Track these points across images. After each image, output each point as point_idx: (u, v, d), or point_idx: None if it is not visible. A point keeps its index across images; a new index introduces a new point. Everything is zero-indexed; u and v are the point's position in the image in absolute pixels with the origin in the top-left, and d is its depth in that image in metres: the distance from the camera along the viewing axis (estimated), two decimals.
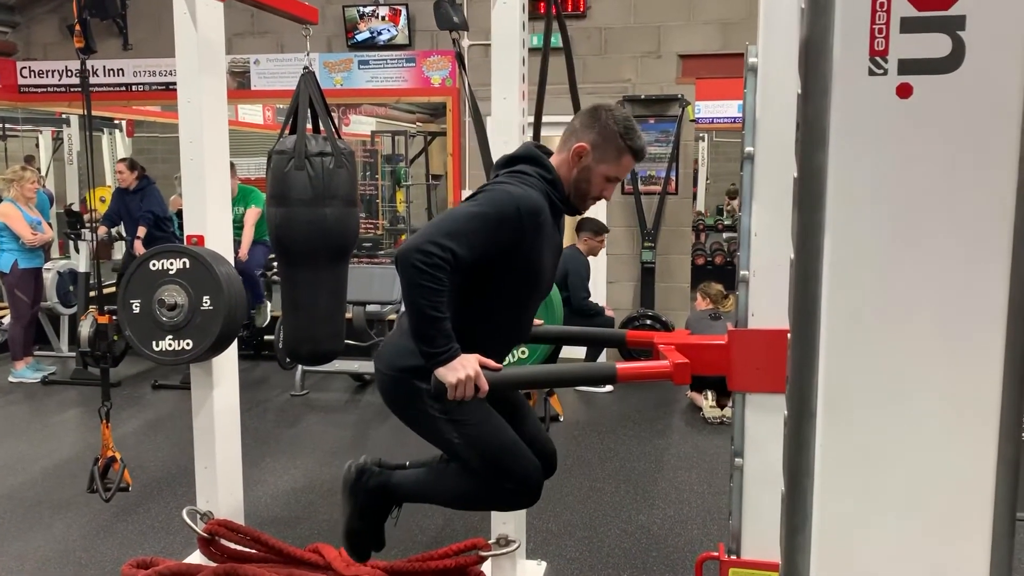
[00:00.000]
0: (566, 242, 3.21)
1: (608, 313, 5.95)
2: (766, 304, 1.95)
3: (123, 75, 7.11)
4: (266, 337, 6.10)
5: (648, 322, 6.21)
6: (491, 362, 2.00)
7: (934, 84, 0.96)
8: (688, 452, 4.75)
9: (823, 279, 0.99)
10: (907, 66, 0.96)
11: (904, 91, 0.97)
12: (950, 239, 0.97)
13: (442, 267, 1.92)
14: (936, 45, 0.95)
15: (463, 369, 1.95)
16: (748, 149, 1.96)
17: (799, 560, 1.02)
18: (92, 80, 7.14)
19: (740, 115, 6.95)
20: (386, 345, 2.37)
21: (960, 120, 0.96)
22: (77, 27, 3.01)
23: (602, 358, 6.16)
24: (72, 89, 7.33)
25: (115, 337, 3.30)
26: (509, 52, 2.90)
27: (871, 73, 0.97)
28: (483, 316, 2.16)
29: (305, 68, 3.13)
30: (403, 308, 2.18)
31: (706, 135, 12.36)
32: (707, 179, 13.46)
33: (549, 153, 2.24)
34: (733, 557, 2.04)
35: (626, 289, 6.66)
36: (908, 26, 0.95)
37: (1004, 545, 0.99)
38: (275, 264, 7.03)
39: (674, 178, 6.50)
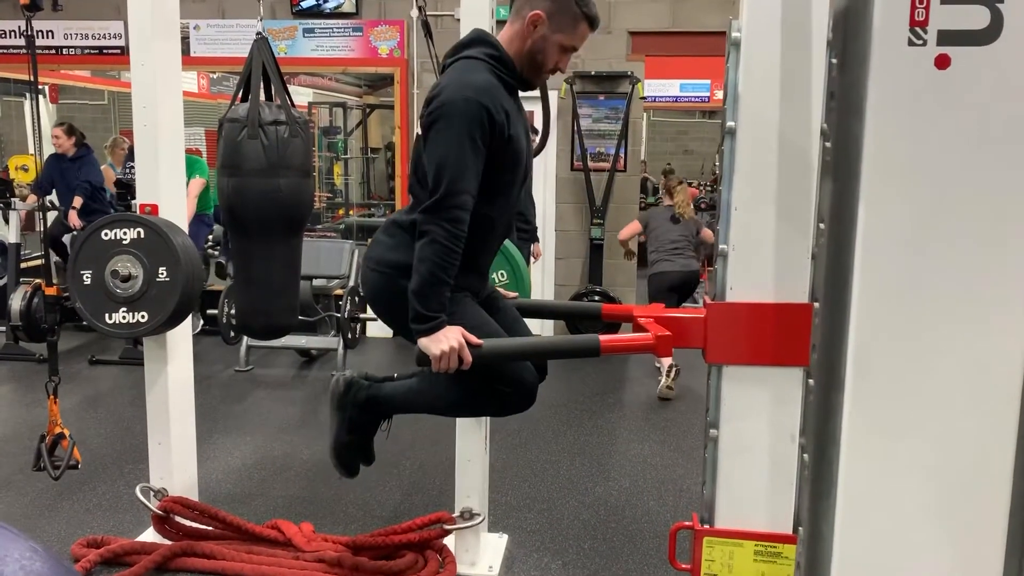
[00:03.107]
0: None
1: None
2: (744, 278, 1.98)
3: (52, 37, 6.79)
4: (208, 311, 5.93)
5: (596, 298, 6.26)
6: (473, 337, 1.99)
7: (972, 55, 0.97)
8: (639, 425, 4.82)
9: (856, 249, 1.00)
10: (946, 37, 0.97)
11: (942, 62, 0.98)
12: (984, 211, 0.99)
13: (465, 220, 1.95)
14: (975, 17, 0.96)
15: (447, 341, 1.94)
16: (730, 124, 1.97)
17: (823, 526, 1.04)
18: (16, 42, 6.84)
19: (681, 94, 7.00)
20: (378, 242, 2.24)
21: (997, 91, 0.98)
22: None
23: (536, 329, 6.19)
24: None
25: None
26: (478, 23, 2.85)
27: (911, 44, 0.97)
28: (475, 212, 2.07)
29: (258, 34, 3.03)
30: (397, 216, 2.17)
31: (644, 114, 12.46)
32: (644, 158, 13.59)
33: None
34: (707, 527, 2.08)
35: (574, 265, 6.69)
36: None
37: (1022, 512, 1.02)
38: (210, 237, 6.86)
39: (623, 155, 6.53)
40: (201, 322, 6.44)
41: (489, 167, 2.05)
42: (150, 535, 3.14)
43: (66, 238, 6.26)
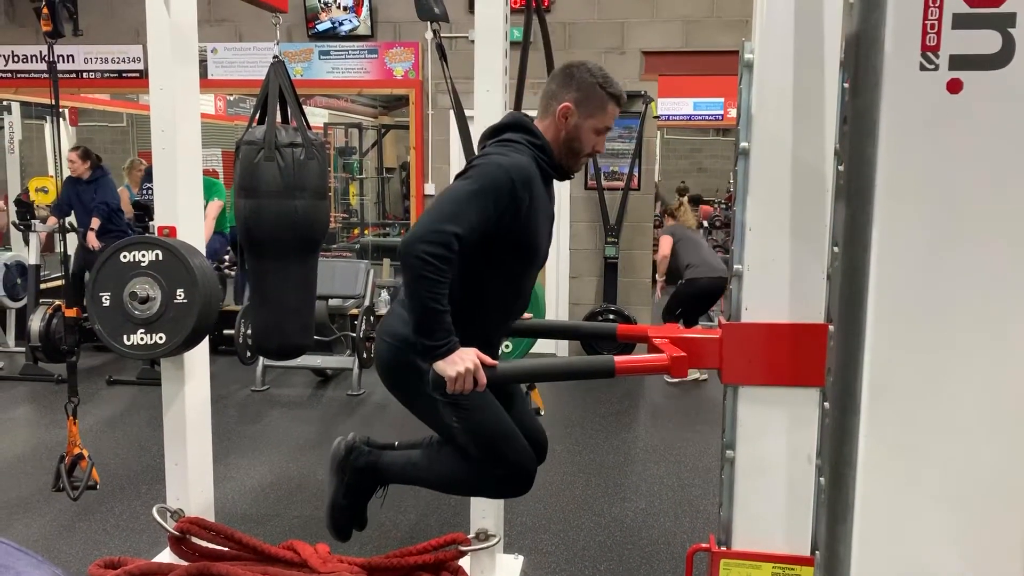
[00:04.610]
0: None
1: None
2: (759, 298, 1.98)
3: (73, 61, 6.90)
4: (225, 331, 5.96)
5: (611, 317, 6.25)
6: (488, 358, 2.00)
7: (984, 80, 0.98)
8: (655, 445, 4.79)
9: (870, 272, 1.00)
10: (958, 62, 0.98)
11: (954, 86, 0.98)
12: (997, 234, 0.99)
13: (446, 257, 1.92)
14: (987, 41, 0.97)
15: (462, 363, 1.94)
16: (743, 144, 1.98)
17: (840, 549, 1.04)
18: (38, 66, 6.94)
19: (695, 112, 7.07)
20: (393, 313, 2.27)
21: (1009, 116, 0.98)
22: (45, 10, 2.90)
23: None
24: (18, 75, 7.08)
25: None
26: (492, 44, 2.88)
27: (922, 68, 0.98)
28: (485, 289, 2.13)
29: (275, 57, 3.07)
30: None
31: (658, 132, 12.48)
32: (659, 176, 13.58)
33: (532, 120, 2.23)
34: (724, 548, 2.07)
35: (589, 284, 6.69)
36: (960, 22, 0.97)
37: None
38: (226, 257, 6.92)
39: (636, 174, 6.55)
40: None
41: (502, 250, 2.09)
42: (167, 556, 3.15)
43: None
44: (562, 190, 6.65)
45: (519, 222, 2.07)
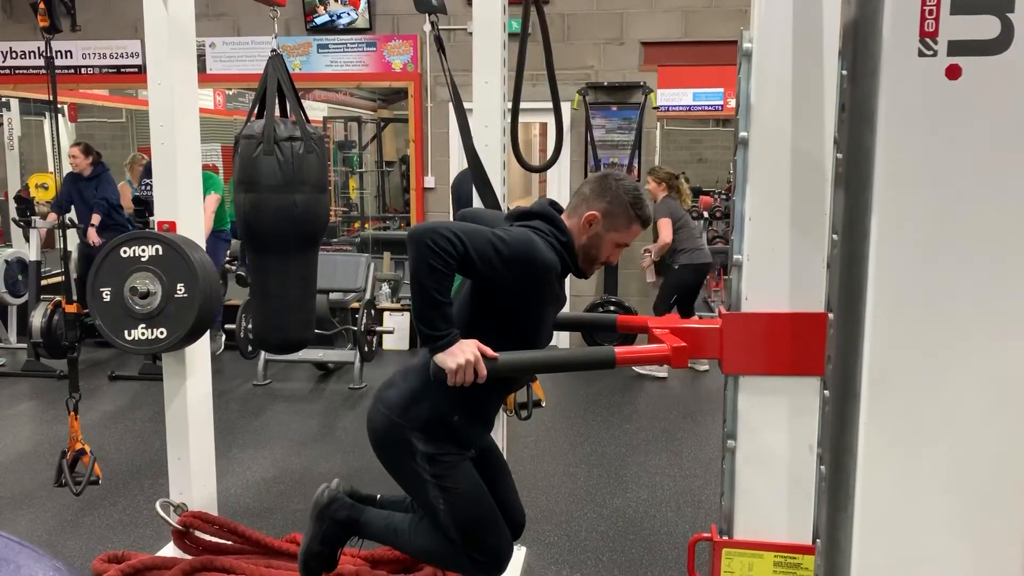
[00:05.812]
0: None
1: None
2: (759, 288, 1.97)
3: (71, 57, 6.89)
4: (226, 326, 5.97)
5: (612, 308, 6.24)
6: (488, 350, 2.00)
7: (983, 65, 0.97)
8: (656, 436, 4.80)
9: (869, 260, 1.00)
10: (956, 47, 0.97)
11: (953, 72, 0.98)
12: (997, 221, 0.99)
13: (452, 254, 1.92)
14: (985, 27, 0.97)
15: (463, 354, 1.95)
16: (742, 134, 1.97)
17: (841, 537, 1.04)
18: (36, 62, 6.93)
19: (694, 103, 6.94)
20: (393, 384, 2.30)
21: (1008, 101, 0.98)
22: (42, 5, 2.89)
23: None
24: (17, 71, 7.07)
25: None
26: (491, 36, 2.88)
27: (920, 54, 0.97)
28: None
29: (273, 51, 3.06)
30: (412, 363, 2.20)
31: (658, 123, 12.43)
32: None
33: (561, 210, 2.27)
34: (725, 538, 2.07)
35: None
36: (958, 7, 0.96)
37: None
38: (228, 254, 6.91)
39: (636, 166, 6.53)
40: (223, 338, 6.47)
41: (509, 321, 2.13)
42: (170, 550, 3.16)
43: None
44: (563, 183, 6.64)
45: (527, 301, 2.12)
